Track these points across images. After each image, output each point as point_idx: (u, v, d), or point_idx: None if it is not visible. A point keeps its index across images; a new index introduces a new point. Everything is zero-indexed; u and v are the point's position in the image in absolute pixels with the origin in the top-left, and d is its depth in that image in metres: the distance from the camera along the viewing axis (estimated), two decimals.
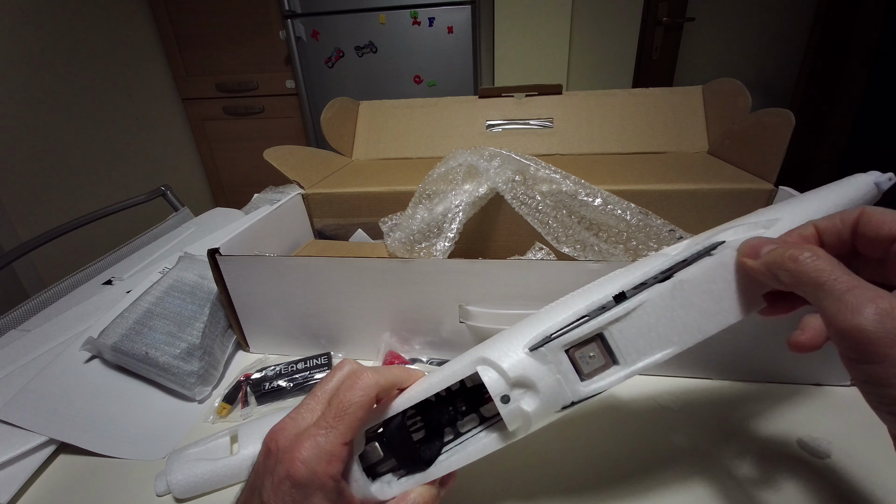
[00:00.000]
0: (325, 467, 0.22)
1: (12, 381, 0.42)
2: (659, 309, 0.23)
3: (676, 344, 0.23)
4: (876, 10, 1.65)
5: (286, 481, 0.21)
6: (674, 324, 0.23)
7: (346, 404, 0.23)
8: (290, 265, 0.41)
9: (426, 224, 0.47)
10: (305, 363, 0.42)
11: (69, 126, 1.59)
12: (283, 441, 0.23)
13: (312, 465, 0.21)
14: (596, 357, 0.23)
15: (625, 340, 0.23)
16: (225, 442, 0.34)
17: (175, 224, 0.77)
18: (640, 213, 0.44)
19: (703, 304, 0.22)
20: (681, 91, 0.66)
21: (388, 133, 0.72)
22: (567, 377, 0.23)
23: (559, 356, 0.23)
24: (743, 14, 1.89)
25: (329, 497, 0.22)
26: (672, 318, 0.23)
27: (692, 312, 0.22)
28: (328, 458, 0.22)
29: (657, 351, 0.23)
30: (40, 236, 0.76)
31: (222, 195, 2.24)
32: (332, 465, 0.22)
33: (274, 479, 0.22)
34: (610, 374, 0.23)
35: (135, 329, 0.42)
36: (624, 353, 0.23)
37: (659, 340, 0.23)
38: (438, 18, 1.63)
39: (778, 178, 0.47)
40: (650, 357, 0.23)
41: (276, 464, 0.22)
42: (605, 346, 0.23)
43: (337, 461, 0.22)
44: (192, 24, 1.88)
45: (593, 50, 1.75)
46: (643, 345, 0.23)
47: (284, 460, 0.22)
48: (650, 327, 0.23)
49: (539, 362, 0.23)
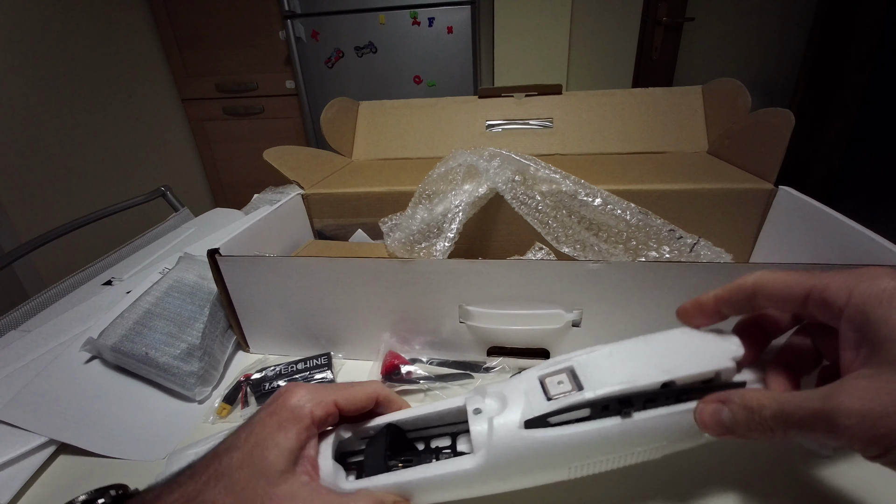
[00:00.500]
0: (311, 406, 0.24)
1: (12, 381, 0.42)
2: None
3: None
4: (876, 10, 1.65)
5: (276, 408, 0.24)
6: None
7: (352, 384, 0.27)
8: (290, 265, 0.41)
9: (426, 224, 0.47)
10: (305, 363, 0.42)
11: (69, 126, 1.59)
12: (291, 385, 0.26)
13: (302, 400, 0.24)
14: (564, 384, 0.24)
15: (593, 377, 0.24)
16: None
17: (175, 224, 0.77)
18: (640, 213, 0.44)
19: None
20: (681, 91, 0.66)
21: (388, 133, 0.72)
22: (535, 395, 0.24)
23: (533, 383, 0.25)
24: (743, 14, 1.89)
25: (299, 436, 0.24)
26: None
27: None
28: (317, 402, 0.25)
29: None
30: (40, 236, 0.76)
31: (222, 195, 2.24)
32: (317, 408, 0.24)
33: (269, 409, 0.25)
34: (573, 395, 0.24)
35: (135, 329, 0.42)
36: (590, 383, 0.24)
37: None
38: (438, 18, 1.63)
39: (778, 177, 0.47)
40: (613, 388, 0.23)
41: (277, 398, 0.25)
42: (573, 376, 0.24)
43: (322, 409, 0.25)
44: (192, 24, 1.88)
45: (593, 50, 1.75)
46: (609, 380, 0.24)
47: (284, 393, 0.25)
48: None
49: (514, 384, 0.25)
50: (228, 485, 0.22)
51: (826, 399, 0.17)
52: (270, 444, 0.23)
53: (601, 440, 0.23)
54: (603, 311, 0.38)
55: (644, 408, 0.23)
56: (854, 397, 0.17)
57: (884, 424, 0.16)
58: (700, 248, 0.43)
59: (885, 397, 0.16)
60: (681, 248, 0.43)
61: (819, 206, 0.41)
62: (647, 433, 0.23)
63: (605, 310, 0.38)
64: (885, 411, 0.16)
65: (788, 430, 0.19)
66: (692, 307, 0.25)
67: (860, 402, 0.17)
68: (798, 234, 0.44)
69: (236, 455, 0.23)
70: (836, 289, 0.19)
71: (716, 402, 0.21)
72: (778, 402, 0.19)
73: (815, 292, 0.20)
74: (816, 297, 0.20)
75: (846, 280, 0.19)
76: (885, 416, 0.16)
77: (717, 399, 0.21)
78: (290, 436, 0.23)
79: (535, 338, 0.41)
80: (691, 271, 0.35)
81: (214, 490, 0.22)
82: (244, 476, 0.22)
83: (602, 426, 0.23)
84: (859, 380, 0.17)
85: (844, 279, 0.20)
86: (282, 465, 0.22)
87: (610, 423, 0.23)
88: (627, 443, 0.23)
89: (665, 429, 0.23)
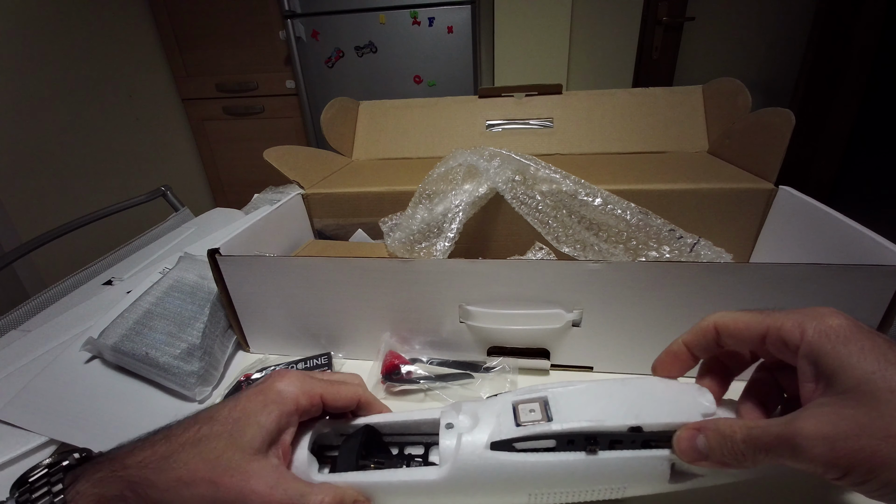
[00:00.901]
0: (295, 393, 0.25)
1: (12, 381, 0.42)
2: None
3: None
4: (876, 10, 1.65)
5: (264, 388, 0.25)
6: None
7: (342, 381, 0.28)
8: (291, 265, 0.41)
9: (426, 224, 0.47)
10: (305, 363, 0.42)
11: (69, 126, 1.59)
12: (283, 371, 0.27)
13: (290, 386, 0.25)
14: (535, 412, 0.25)
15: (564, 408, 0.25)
16: None
17: (175, 224, 0.77)
18: (640, 212, 0.44)
19: None
20: (681, 91, 0.66)
21: (388, 133, 0.72)
22: (505, 419, 0.25)
23: (507, 407, 0.26)
24: (743, 14, 1.89)
25: (280, 419, 0.24)
26: None
27: None
28: (304, 391, 0.25)
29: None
30: (40, 236, 0.76)
31: (222, 195, 2.24)
32: (303, 397, 0.25)
33: (257, 387, 0.25)
34: (541, 425, 0.24)
35: (135, 329, 0.42)
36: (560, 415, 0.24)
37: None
38: (438, 18, 1.63)
39: (778, 177, 0.47)
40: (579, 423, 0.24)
41: (267, 379, 0.26)
42: (545, 406, 0.25)
43: (308, 399, 0.25)
44: (192, 24, 1.88)
45: (593, 50, 1.75)
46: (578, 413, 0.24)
47: (274, 375, 0.26)
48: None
49: (488, 405, 0.26)
50: (203, 452, 0.22)
51: (789, 425, 0.19)
52: (252, 420, 0.24)
53: (563, 472, 0.24)
54: (603, 311, 0.38)
55: (610, 447, 0.24)
56: (813, 423, 0.18)
57: (842, 447, 0.17)
58: (700, 248, 0.43)
59: (841, 423, 0.18)
60: (681, 248, 0.43)
61: (819, 206, 0.41)
62: (610, 473, 0.24)
63: (605, 310, 0.38)
64: (842, 434, 0.18)
65: (758, 455, 0.20)
66: (666, 357, 0.27)
67: (819, 428, 0.18)
68: (798, 233, 0.44)
69: (217, 426, 0.23)
70: (790, 328, 0.21)
71: (693, 429, 0.22)
72: (747, 427, 0.21)
73: (772, 332, 0.22)
74: (773, 336, 0.22)
75: (798, 319, 0.21)
76: (843, 438, 0.18)
77: (695, 427, 0.23)
78: (271, 417, 0.24)
79: (536, 338, 0.41)
80: (691, 271, 0.35)
81: (188, 454, 0.22)
82: (220, 446, 0.23)
83: (566, 459, 0.23)
84: (818, 407, 0.19)
85: (796, 319, 0.21)
86: (258, 443, 0.23)
87: (574, 457, 0.23)
88: (589, 479, 0.24)
89: (628, 471, 0.24)
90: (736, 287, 0.35)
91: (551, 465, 0.24)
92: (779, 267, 0.33)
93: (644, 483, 0.24)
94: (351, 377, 0.30)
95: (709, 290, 0.35)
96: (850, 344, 0.19)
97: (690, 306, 0.36)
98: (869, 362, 0.18)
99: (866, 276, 0.32)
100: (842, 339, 0.19)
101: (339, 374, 0.29)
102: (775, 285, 0.34)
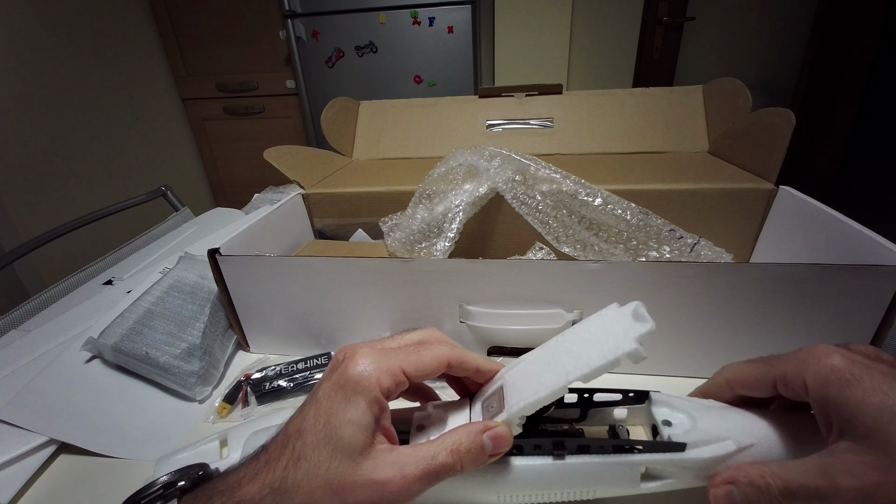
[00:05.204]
0: (378, 375, 0.22)
1: (13, 381, 0.42)
2: None
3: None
4: (876, 10, 1.65)
5: (340, 380, 0.22)
6: None
7: (421, 342, 0.25)
8: (291, 265, 0.41)
9: (426, 224, 0.47)
10: (306, 363, 0.42)
11: (69, 126, 1.59)
12: (352, 350, 0.24)
13: (367, 369, 0.22)
14: (494, 407, 0.25)
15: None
16: (214, 446, 0.33)
17: (175, 224, 0.77)
18: (641, 212, 0.44)
19: None
20: (681, 90, 0.66)
21: (388, 133, 0.73)
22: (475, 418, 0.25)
23: (476, 407, 0.26)
24: (743, 13, 1.89)
25: (371, 408, 0.22)
26: None
27: None
28: (384, 370, 0.23)
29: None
30: (40, 236, 0.76)
31: (222, 195, 2.24)
32: (384, 377, 0.22)
33: (332, 381, 0.23)
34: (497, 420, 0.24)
35: (135, 329, 0.42)
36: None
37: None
38: (438, 18, 1.63)
39: (778, 177, 0.47)
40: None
41: (338, 366, 0.23)
42: (502, 397, 0.25)
43: (389, 377, 0.23)
44: (192, 24, 1.88)
45: (593, 50, 1.75)
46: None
47: (345, 361, 0.23)
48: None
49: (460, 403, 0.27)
50: (310, 469, 0.21)
51: (825, 477, 0.19)
52: (343, 420, 0.21)
53: (530, 477, 0.24)
54: None
55: (577, 452, 0.24)
56: (848, 476, 0.19)
57: (876, 496, 0.18)
58: (700, 248, 0.43)
59: (871, 474, 0.18)
60: (681, 248, 0.43)
61: (819, 206, 0.41)
62: (579, 477, 0.24)
63: None
64: (873, 484, 0.18)
65: (794, 503, 0.20)
66: None
67: (855, 481, 0.19)
68: (798, 233, 0.44)
69: (310, 437, 0.21)
70: (793, 377, 0.21)
71: (724, 483, 0.22)
72: (783, 479, 0.20)
73: (780, 383, 0.22)
74: (782, 386, 0.22)
75: (797, 366, 0.21)
76: (874, 488, 0.18)
77: (725, 480, 0.22)
78: (360, 411, 0.22)
79: (536, 338, 0.41)
80: (691, 271, 0.35)
81: (296, 477, 0.21)
82: (324, 457, 0.21)
83: (532, 464, 0.24)
84: (846, 454, 0.19)
85: (795, 366, 0.21)
86: (360, 441, 0.21)
87: (540, 461, 0.23)
88: (557, 483, 0.24)
89: (598, 475, 0.24)
90: (736, 287, 0.35)
91: (518, 469, 0.24)
92: (779, 267, 0.33)
93: (614, 487, 0.24)
94: (428, 335, 0.26)
95: (709, 291, 0.35)
96: (853, 387, 0.19)
97: (691, 306, 0.36)
98: (874, 406, 0.19)
99: (866, 276, 0.32)
100: (843, 381, 0.20)
101: (415, 333, 0.26)
102: (775, 285, 0.34)
